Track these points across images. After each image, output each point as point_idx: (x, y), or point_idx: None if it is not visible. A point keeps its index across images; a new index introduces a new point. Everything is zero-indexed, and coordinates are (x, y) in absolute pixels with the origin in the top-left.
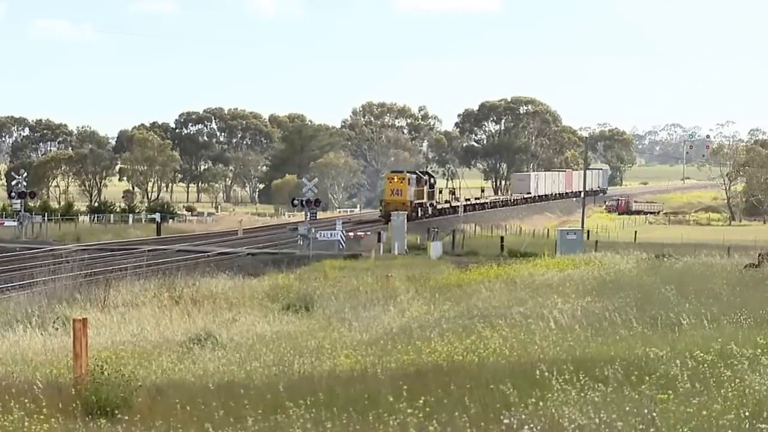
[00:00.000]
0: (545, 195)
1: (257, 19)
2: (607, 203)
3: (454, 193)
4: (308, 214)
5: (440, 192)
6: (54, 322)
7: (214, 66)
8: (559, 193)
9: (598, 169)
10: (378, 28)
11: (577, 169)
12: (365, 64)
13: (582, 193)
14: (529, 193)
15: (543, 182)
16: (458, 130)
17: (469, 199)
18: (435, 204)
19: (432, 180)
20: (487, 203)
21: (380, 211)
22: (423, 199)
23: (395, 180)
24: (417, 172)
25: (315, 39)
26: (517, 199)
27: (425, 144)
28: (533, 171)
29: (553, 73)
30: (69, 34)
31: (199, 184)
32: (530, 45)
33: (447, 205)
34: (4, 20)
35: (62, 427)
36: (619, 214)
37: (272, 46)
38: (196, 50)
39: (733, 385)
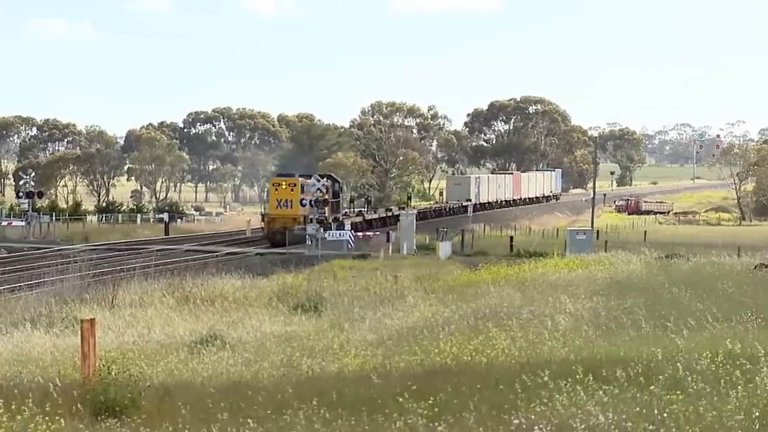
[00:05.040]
0: (489, 202)
1: (255, 18)
2: (616, 203)
3: (370, 203)
4: (316, 213)
5: (352, 201)
6: (62, 323)
7: (221, 65)
8: (506, 200)
9: (551, 171)
10: (377, 27)
11: (525, 171)
12: (372, 64)
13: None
14: (469, 200)
15: (486, 187)
16: (467, 129)
17: (391, 210)
18: (341, 218)
19: (336, 186)
20: (419, 214)
21: (262, 229)
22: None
23: (283, 187)
24: (315, 176)
25: (316, 39)
26: (454, 208)
27: (434, 143)
28: (475, 173)
29: (563, 72)
30: (67, 33)
31: (208, 183)
32: (537, 44)
33: (360, 219)
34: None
35: (69, 428)
36: (629, 213)
37: (273, 45)
38: (200, 50)
39: (742, 386)
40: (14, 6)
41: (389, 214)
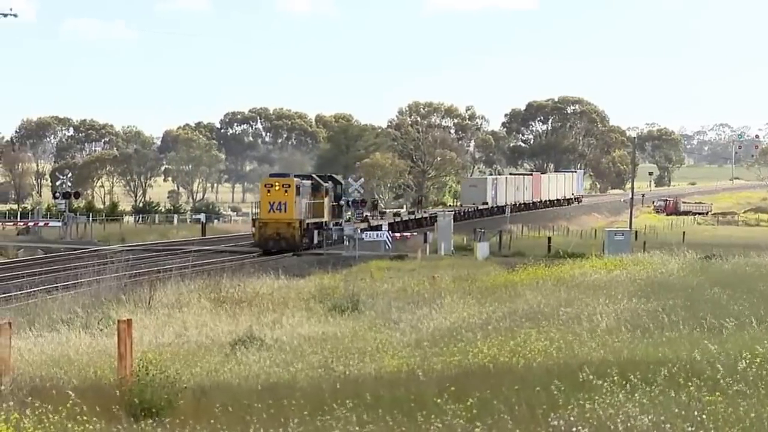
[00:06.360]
0: (506, 205)
1: (292, 19)
2: (655, 203)
3: (377, 206)
4: (354, 214)
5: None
6: (98, 323)
7: (258, 66)
8: (524, 203)
9: (572, 171)
10: (413, 27)
11: (545, 173)
12: (409, 64)
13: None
14: (486, 203)
15: (503, 189)
16: (505, 130)
17: (398, 214)
18: (342, 223)
19: (339, 188)
20: (425, 219)
21: (253, 235)
22: (323, 216)
23: (276, 188)
24: (313, 176)
25: (352, 39)
26: (468, 211)
27: (472, 144)
28: (491, 174)
29: (601, 72)
30: (101, 33)
31: (245, 184)
32: (575, 44)
33: (364, 226)
34: (36, 20)
35: (105, 429)
36: (668, 214)
37: (310, 46)
38: (236, 50)
39: None
40: (51, 6)
41: (397, 219)
